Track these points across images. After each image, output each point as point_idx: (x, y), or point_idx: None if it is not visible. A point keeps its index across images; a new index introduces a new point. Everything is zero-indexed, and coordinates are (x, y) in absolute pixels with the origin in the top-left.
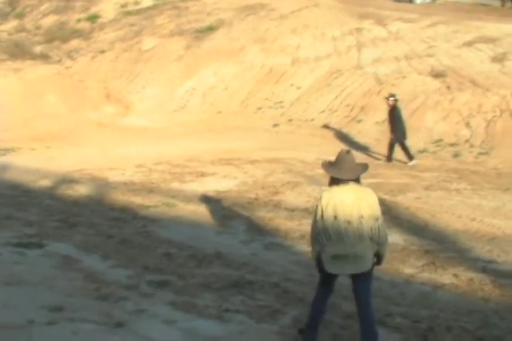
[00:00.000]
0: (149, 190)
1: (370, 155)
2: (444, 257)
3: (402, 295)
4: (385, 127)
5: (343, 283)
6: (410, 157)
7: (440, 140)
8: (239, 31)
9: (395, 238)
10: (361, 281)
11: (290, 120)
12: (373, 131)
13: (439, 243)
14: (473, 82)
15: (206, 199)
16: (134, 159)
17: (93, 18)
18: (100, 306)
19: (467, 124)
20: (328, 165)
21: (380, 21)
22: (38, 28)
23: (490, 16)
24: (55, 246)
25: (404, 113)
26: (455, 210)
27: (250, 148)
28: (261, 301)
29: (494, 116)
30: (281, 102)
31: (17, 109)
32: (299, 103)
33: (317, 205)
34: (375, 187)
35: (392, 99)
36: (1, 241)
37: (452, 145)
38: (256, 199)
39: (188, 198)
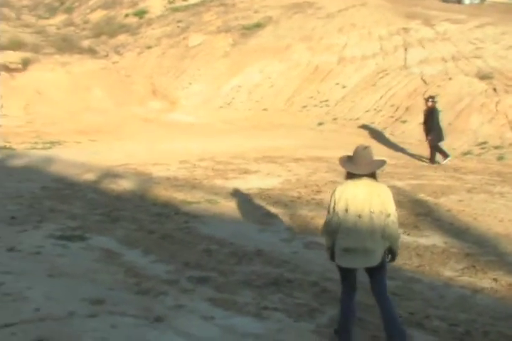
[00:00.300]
0: (192, 186)
1: (412, 156)
2: (484, 261)
3: (441, 298)
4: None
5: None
6: (446, 155)
7: (485, 142)
8: (286, 29)
9: (436, 240)
10: (375, 275)
11: (335, 119)
12: (417, 132)
13: (479, 246)
14: None
15: (249, 197)
16: (179, 155)
17: (141, 14)
18: (140, 300)
19: None
20: (345, 160)
21: (428, 21)
22: (86, 22)
23: None
24: (97, 239)
25: (450, 115)
26: (497, 214)
27: (294, 146)
28: (299, 299)
29: None
30: (326, 101)
31: (64, 103)
32: (344, 102)
33: (330, 198)
34: (418, 189)
35: (431, 100)
36: (44, 234)
37: (497, 147)
38: (298, 197)
39: (230, 195)
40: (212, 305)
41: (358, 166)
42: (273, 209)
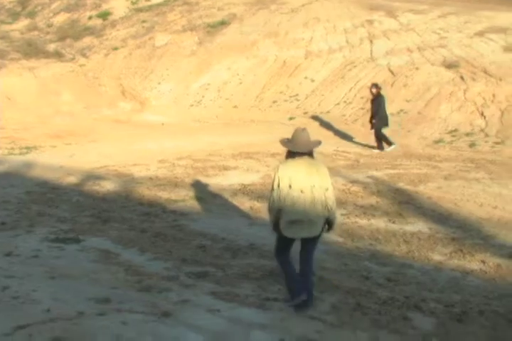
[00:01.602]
0: (175, 184)
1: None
2: (470, 244)
3: (434, 281)
4: (400, 118)
5: (376, 270)
6: (389, 143)
7: (455, 130)
8: (250, 25)
9: (421, 226)
10: (310, 243)
11: (306, 113)
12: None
13: (464, 231)
14: (486, 72)
15: (232, 193)
16: (156, 155)
17: (104, 15)
18: (145, 297)
19: (482, 114)
20: (286, 141)
21: (391, 13)
22: (50, 26)
23: (501, 6)
24: (91, 241)
25: (419, 104)
26: (476, 199)
27: (268, 141)
28: None
29: (508, 106)
30: (296, 95)
31: (34, 108)
32: (313, 96)
33: (274, 176)
34: (397, 178)
35: (375, 87)
36: (39, 238)
37: (468, 135)
38: None
39: (214, 192)
40: (215, 298)
41: (297, 145)
42: (257, 204)
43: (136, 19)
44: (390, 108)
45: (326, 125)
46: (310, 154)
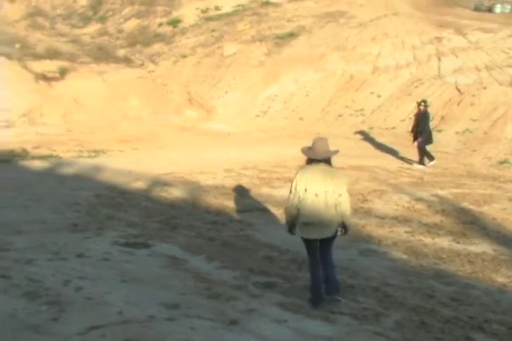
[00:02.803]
0: (240, 194)
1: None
2: None
3: (497, 302)
4: (466, 137)
5: (440, 289)
6: (431, 157)
7: None
8: (319, 38)
9: (485, 247)
10: (326, 243)
11: (371, 128)
12: (453, 141)
13: None
14: None
15: None
16: (222, 163)
17: (174, 23)
18: (213, 304)
19: None
20: (306, 149)
21: (460, 31)
22: (120, 31)
23: None
24: (160, 246)
25: (485, 124)
26: None
27: (334, 155)
28: (363, 304)
29: None
30: (361, 110)
31: (101, 112)
32: (379, 111)
33: (293, 179)
34: (461, 197)
35: (423, 104)
36: (109, 241)
37: None
38: None
39: (279, 203)
40: (282, 309)
41: (315, 153)
42: None
43: (205, 28)
44: (455, 127)
45: (391, 141)
46: (327, 161)
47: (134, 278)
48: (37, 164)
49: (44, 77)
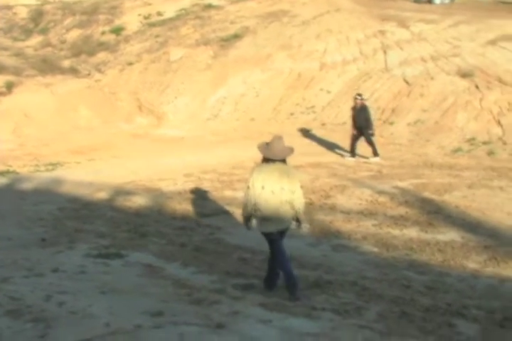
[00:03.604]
0: (204, 198)
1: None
2: (503, 252)
3: (472, 288)
4: (418, 128)
5: (416, 279)
6: (376, 153)
7: (473, 138)
8: (264, 38)
9: (453, 235)
10: (279, 237)
11: (323, 124)
12: (406, 132)
13: (495, 239)
14: (501, 81)
15: None
16: (180, 169)
17: (117, 31)
18: (196, 310)
19: (498, 122)
20: (263, 147)
21: (403, 23)
22: (63, 42)
23: (511, 14)
24: (134, 255)
25: (436, 113)
26: (503, 207)
27: None
28: (343, 299)
29: None
30: (312, 107)
31: (52, 124)
32: (330, 107)
33: (249, 177)
34: (422, 188)
35: (359, 97)
36: (81, 253)
37: (485, 143)
38: (310, 203)
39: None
40: (265, 309)
41: (272, 152)
42: None
43: (149, 34)
44: (407, 118)
45: (344, 136)
46: (283, 160)
47: (114, 288)
48: None
49: None
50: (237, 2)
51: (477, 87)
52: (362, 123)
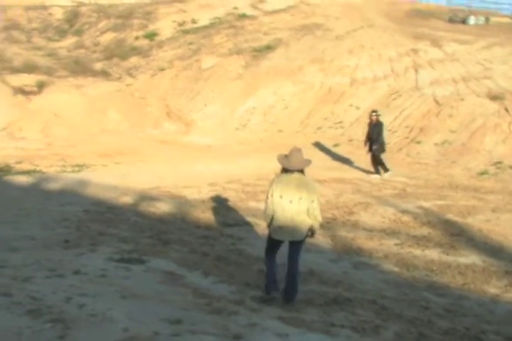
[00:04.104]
0: (227, 208)
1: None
2: None
3: (491, 313)
4: (445, 148)
5: (435, 301)
6: (386, 169)
7: (500, 162)
8: (296, 51)
9: (474, 259)
10: (295, 246)
11: (350, 140)
12: (433, 152)
13: None
14: None
15: None
16: (205, 177)
17: (151, 36)
18: (215, 320)
19: None
20: (282, 158)
21: (436, 42)
22: (97, 44)
23: None
24: (155, 262)
25: (464, 135)
26: None
27: (314, 167)
28: (362, 317)
29: None
30: (340, 122)
31: (81, 125)
32: (358, 123)
33: (269, 185)
34: (446, 209)
35: (374, 114)
36: (103, 257)
37: None
38: (333, 219)
39: None
40: (282, 322)
41: (291, 163)
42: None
43: (182, 41)
44: (434, 138)
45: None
46: (301, 171)
47: (134, 294)
48: (21, 179)
49: (22, 91)
50: (271, 13)
51: (507, 109)
52: (373, 137)
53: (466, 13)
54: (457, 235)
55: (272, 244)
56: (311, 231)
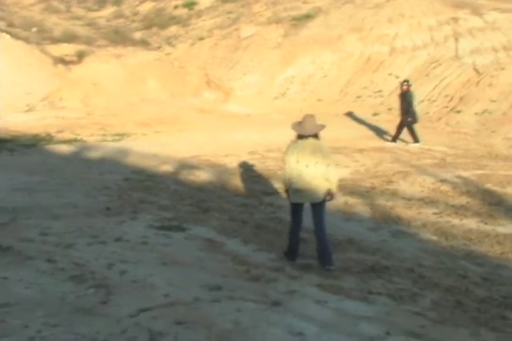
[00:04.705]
0: (267, 176)
1: (466, 148)
2: None
3: None
4: (485, 118)
5: (472, 270)
6: (416, 139)
7: None
8: (336, 19)
9: None
10: (317, 208)
11: (389, 109)
12: (472, 122)
13: None
14: None
15: None
16: (245, 146)
17: (190, 5)
18: (254, 286)
19: None
20: (296, 124)
21: (476, 11)
22: (136, 14)
23: None
24: (195, 229)
25: (504, 104)
26: None
27: (353, 136)
28: (399, 285)
29: None
30: (380, 91)
31: (120, 94)
32: (397, 92)
33: (286, 152)
34: (485, 179)
35: (406, 84)
36: (144, 224)
37: None
38: (372, 188)
39: None
40: (321, 290)
41: (304, 129)
42: (351, 200)
43: (221, 10)
44: (474, 108)
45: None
46: (315, 136)
47: (174, 260)
48: (62, 148)
49: (62, 61)
50: None
51: None
52: (404, 109)
53: None
54: (496, 204)
55: (294, 209)
56: (330, 195)
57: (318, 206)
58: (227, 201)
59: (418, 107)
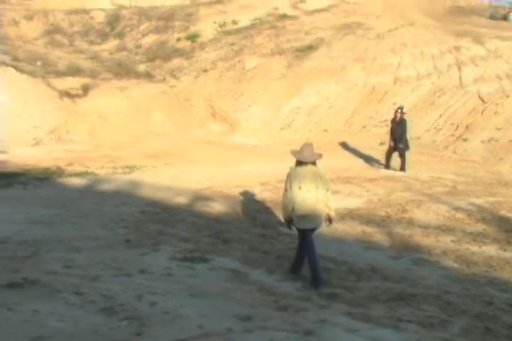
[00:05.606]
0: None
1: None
2: None
3: None
4: (492, 146)
5: (497, 296)
6: (404, 168)
7: None
8: (338, 50)
9: None
10: (311, 233)
11: None
12: (479, 150)
13: None
14: None
15: (340, 217)
16: (256, 177)
17: (193, 38)
18: (284, 316)
19: None
20: (295, 152)
21: (477, 39)
22: (139, 47)
23: None
24: (219, 260)
25: (510, 132)
26: None
27: (363, 166)
28: (427, 312)
29: None
30: (385, 121)
31: (126, 127)
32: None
33: (286, 179)
34: (498, 206)
35: (400, 111)
36: (166, 256)
37: None
38: (388, 216)
39: None
40: (351, 318)
41: (304, 156)
42: (368, 229)
43: (224, 42)
44: (480, 135)
45: (418, 151)
46: (313, 163)
47: (202, 292)
48: (74, 181)
49: (68, 94)
50: (311, 13)
51: None
52: (397, 136)
53: (507, 10)
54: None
55: (302, 234)
56: (329, 220)
57: (313, 231)
58: (245, 232)
59: (425, 136)
